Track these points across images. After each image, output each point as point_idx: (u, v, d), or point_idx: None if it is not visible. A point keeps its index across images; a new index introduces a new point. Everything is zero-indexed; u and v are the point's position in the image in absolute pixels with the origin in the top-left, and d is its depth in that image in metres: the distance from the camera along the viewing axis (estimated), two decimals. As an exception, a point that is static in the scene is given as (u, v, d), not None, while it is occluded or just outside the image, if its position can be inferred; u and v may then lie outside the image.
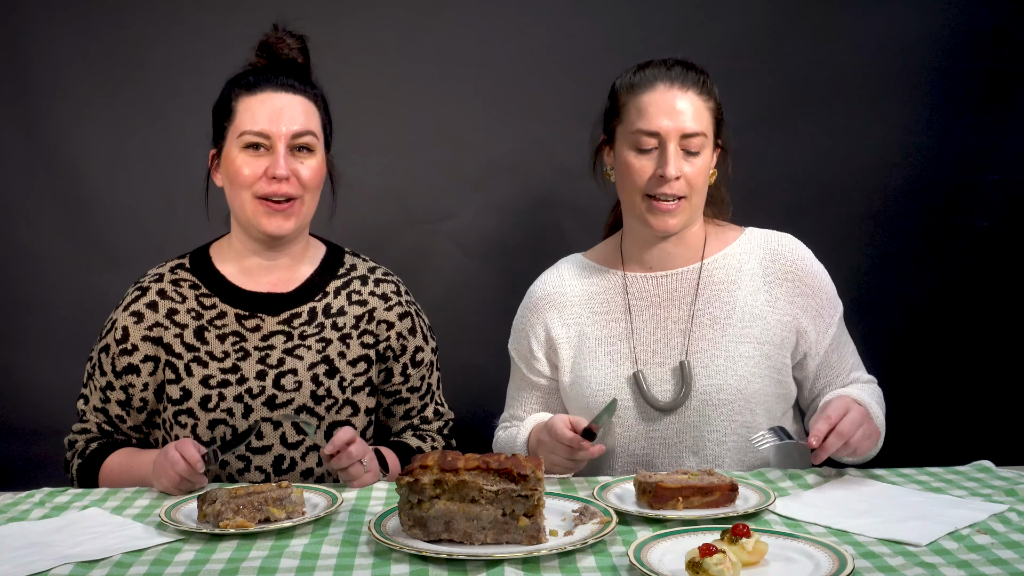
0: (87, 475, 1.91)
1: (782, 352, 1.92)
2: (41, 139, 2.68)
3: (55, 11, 2.65)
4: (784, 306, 1.92)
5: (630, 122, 1.89)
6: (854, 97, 2.72)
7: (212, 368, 1.90)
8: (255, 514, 1.51)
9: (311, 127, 1.90)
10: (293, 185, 1.88)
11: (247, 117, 1.87)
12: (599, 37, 2.74)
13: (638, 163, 1.88)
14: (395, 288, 2.04)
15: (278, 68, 1.93)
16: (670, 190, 1.86)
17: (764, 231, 2.01)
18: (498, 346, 2.15)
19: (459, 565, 1.36)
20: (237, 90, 1.90)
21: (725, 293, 1.94)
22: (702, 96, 1.88)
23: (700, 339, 1.92)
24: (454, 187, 2.78)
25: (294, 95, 1.90)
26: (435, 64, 2.74)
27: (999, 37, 2.74)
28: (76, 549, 1.45)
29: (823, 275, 1.97)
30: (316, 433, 1.73)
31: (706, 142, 1.88)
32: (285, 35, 1.95)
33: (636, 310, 1.97)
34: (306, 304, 1.97)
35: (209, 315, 1.94)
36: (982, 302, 2.77)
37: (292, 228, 1.91)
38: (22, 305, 2.71)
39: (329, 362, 1.94)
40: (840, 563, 1.29)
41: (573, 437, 1.73)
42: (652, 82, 1.88)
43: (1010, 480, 1.74)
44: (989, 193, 2.78)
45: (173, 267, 1.99)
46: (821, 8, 2.72)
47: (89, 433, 1.96)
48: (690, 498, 1.56)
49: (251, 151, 1.87)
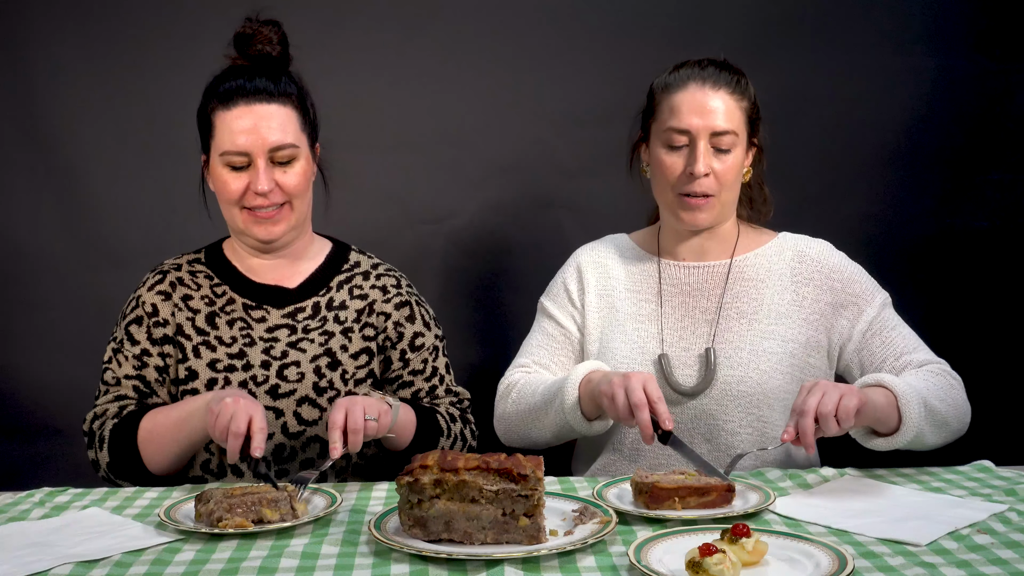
0: (124, 435, 1.85)
1: (807, 352, 1.94)
2: (41, 139, 2.68)
3: (55, 11, 2.65)
4: (810, 305, 1.95)
5: (663, 120, 1.94)
6: (854, 97, 2.73)
7: (220, 352, 1.94)
8: (248, 514, 1.51)
9: (289, 138, 1.89)
10: (278, 195, 1.90)
11: (225, 136, 1.88)
12: (599, 37, 2.74)
13: (669, 160, 1.93)
14: (395, 281, 2.06)
15: (254, 68, 1.91)
16: (699, 187, 1.91)
17: (797, 236, 2.05)
18: (498, 346, 2.16)
19: (459, 565, 1.36)
20: (214, 103, 1.90)
21: (753, 290, 1.98)
22: (735, 95, 1.92)
23: (726, 330, 1.95)
24: (454, 187, 2.78)
25: (269, 104, 1.89)
26: (435, 64, 2.74)
27: (999, 36, 2.74)
28: (76, 549, 1.45)
29: (853, 270, 1.98)
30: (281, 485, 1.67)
31: (737, 140, 1.92)
32: (259, 25, 1.93)
33: (667, 295, 2.02)
34: (310, 299, 2.00)
35: (220, 302, 1.98)
36: (982, 302, 2.77)
37: (283, 233, 1.94)
38: (22, 305, 2.70)
39: (331, 355, 1.96)
40: (840, 563, 1.30)
41: (649, 433, 1.68)
42: (685, 81, 1.93)
43: (1010, 480, 1.74)
44: (989, 193, 2.78)
45: (190, 260, 2.05)
46: (821, 12, 2.73)
47: (124, 399, 1.92)
48: (686, 498, 1.56)
49: (233, 168, 1.89)
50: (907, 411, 1.70)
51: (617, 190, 2.77)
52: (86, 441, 1.93)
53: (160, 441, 1.84)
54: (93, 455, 1.91)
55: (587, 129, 2.77)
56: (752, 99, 1.96)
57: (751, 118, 1.96)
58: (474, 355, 2.64)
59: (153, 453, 1.85)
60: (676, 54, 2.02)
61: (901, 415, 1.70)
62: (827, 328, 1.95)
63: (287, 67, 1.96)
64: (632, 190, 2.08)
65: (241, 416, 1.66)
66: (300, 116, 1.93)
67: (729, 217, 2.02)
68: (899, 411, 1.70)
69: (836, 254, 2.01)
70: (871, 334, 1.94)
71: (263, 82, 1.90)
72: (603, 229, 2.25)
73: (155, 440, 1.85)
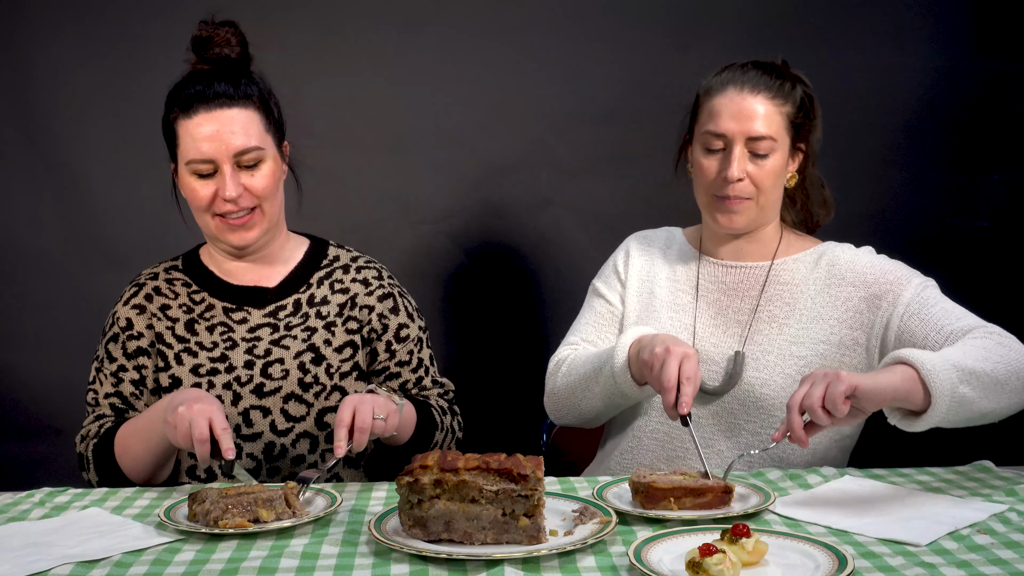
0: (104, 453, 1.87)
1: (841, 352, 1.92)
2: (41, 139, 2.68)
3: (55, 11, 2.65)
4: (843, 304, 1.93)
5: (702, 123, 1.95)
6: (854, 97, 2.73)
7: (201, 357, 1.93)
8: (244, 514, 1.51)
9: (253, 141, 1.87)
10: (248, 199, 1.88)
11: (189, 144, 1.86)
12: (599, 37, 2.75)
13: (706, 163, 1.94)
14: (376, 273, 2.05)
15: (213, 73, 1.89)
16: (733, 192, 1.91)
17: (840, 244, 2.02)
18: (499, 346, 2.16)
19: (459, 565, 1.36)
20: (175, 111, 1.88)
21: (787, 295, 1.97)
22: (776, 100, 1.91)
23: (756, 332, 1.95)
24: (454, 187, 2.78)
25: (231, 108, 1.86)
26: (435, 64, 2.74)
27: (1000, 36, 2.74)
28: (76, 549, 1.45)
29: (887, 263, 1.94)
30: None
31: (776, 146, 1.91)
32: (216, 27, 1.90)
33: (703, 291, 2.03)
34: (290, 297, 2.00)
35: (199, 309, 1.98)
36: (982, 302, 2.76)
37: (257, 238, 1.93)
38: (22, 305, 2.71)
39: (315, 350, 1.96)
40: (840, 563, 1.29)
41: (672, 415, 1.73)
42: (725, 85, 1.92)
43: (1010, 480, 1.73)
44: (989, 193, 2.78)
45: (167, 268, 2.04)
46: (821, 11, 2.73)
47: (103, 419, 1.93)
48: (682, 499, 1.56)
49: (200, 176, 1.88)
50: (933, 381, 1.57)
51: (617, 190, 2.79)
52: (79, 464, 1.94)
53: (133, 454, 1.84)
54: (86, 476, 1.92)
55: (587, 129, 2.77)
56: (798, 103, 1.93)
57: (795, 123, 1.93)
58: (473, 355, 2.64)
59: (130, 466, 1.85)
60: (676, 54, 2.03)
61: (927, 387, 1.58)
62: (865, 324, 1.91)
63: (248, 68, 1.93)
64: (632, 191, 2.09)
65: (199, 421, 1.64)
66: (263, 117, 1.90)
67: (769, 221, 2.00)
68: (923, 383, 1.58)
69: (872, 255, 1.98)
70: (908, 316, 1.86)
71: (223, 86, 1.87)
72: (603, 229, 2.26)
73: (128, 453, 1.85)
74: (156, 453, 1.82)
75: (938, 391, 1.57)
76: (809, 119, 1.96)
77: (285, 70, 2.67)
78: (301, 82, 2.70)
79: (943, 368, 1.59)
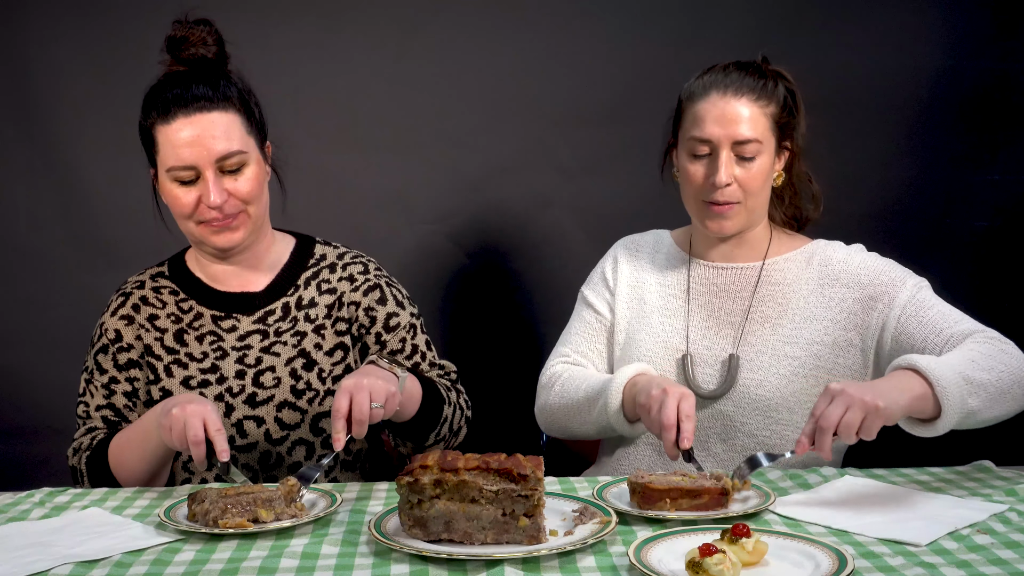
0: (98, 465, 1.86)
1: (836, 353, 1.91)
2: (41, 139, 2.68)
3: (55, 11, 2.65)
4: (838, 305, 1.92)
5: (687, 128, 1.93)
6: (854, 97, 2.73)
7: (192, 369, 1.91)
8: (243, 514, 1.51)
9: (235, 144, 1.81)
10: (232, 204, 1.83)
11: (169, 152, 1.80)
12: (599, 37, 2.75)
13: (693, 168, 1.93)
14: (362, 268, 2.01)
15: (190, 75, 1.83)
16: (722, 196, 1.90)
17: (829, 242, 2.01)
18: (499, 346, 2.16)
19: (459, 565, 1.36)
20: (153, 116, 1.82)
21: (780, 295, 1.97)
22: (759, 102, 1.89)
23: (750, 334, 1.95)
24: (454, 187, 2.78)
25: (210, 112, 1.80)
26: (435, 64, 2.74)
27: (1000, 36, 2.74)
28: (76, 549, 1.45)
29: (881, 263, 1.94)
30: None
31: (762, 148, 1.90)
32: (191, 27, 1.84)
33: (695, 294, 2.02)
34: (279, 300, 1.96)
35: (188, 318, 1.94)
36: (982, 302, 2.76)
37: (242, 238, 1.88)
38: (22, 305, 2.71)
39: (306, 355, 1.93)
40: (840, 563, 1.29)
41: (672, 453, 1.72)
42: (707, 89, 1.91)
43: (1010, 480, 1.73)
44: (989, 193, 2.78)
45: (153, 275, 2.00)
46: (820, 10, 2.73)
47: (95, 431, 1.91)
48: (678, 500, 1.55)
49: (182, 183, 1.82)
50: (945, 398, 1.61)
51: (617, 190, 2.79)
52: (72, 477, 1.91)
53: (128, 463, 1.82)
54: (80, 489, 1.89)
55: (587, 129, 2.77)
56: (780, 102, 1.92)
57: (779, 123, 1.93)
58: (473, 355, 2.64)
59: (126, 476, 1.83)
60: (676, 53, 2.03)
61: (939, 402, 1.62)
62: (859, 325, 1.91)
63: (225, 68, 1.87)
64: (632, 191, 2.09)
65: (193, 422, 1.62)
66: (244, 119, 1.84)
67: (758, 223, 1.99)
68: (935, 398, 1.62)
69: (864, 253, 1.97)
70: (905, 318, 1.87)
71: (201, 88, 1.81)
72: (603, 229, 2.25)
73: (123, 463, 1.83)
74: (151, 461, 1.80)
75: (948, 406, 1.62)
76: (793, 116, 1.95)
77: (285, 70, 2.69)
78: (302, 82, 2.71)
79: (954, 383, 1.62)
